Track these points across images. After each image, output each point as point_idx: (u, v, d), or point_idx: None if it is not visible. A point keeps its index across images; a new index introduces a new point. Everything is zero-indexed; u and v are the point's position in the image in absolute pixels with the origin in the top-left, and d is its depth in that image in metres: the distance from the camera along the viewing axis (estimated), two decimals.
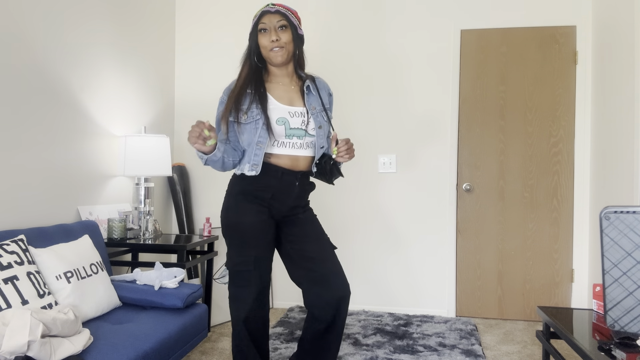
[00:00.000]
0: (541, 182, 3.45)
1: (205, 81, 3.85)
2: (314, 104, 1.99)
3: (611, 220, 1.40)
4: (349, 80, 3.66)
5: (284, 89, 1.98)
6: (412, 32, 3.59)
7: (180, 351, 2.11)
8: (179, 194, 3.67)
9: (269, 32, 1.90)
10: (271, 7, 1.91)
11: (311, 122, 1.95)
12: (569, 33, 3.42)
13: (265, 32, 1.91)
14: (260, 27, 1.92)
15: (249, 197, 1.94)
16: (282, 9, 1.91)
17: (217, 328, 3.21)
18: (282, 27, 1.91)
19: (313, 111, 1.97)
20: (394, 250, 3.61)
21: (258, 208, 1.93)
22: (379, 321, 3.31)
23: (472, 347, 2.80)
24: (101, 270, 2.21)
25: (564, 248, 3.43)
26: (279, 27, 1.90)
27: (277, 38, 1.89)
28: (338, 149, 1.95)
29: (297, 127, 1.93)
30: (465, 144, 3.54)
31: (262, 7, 1.94)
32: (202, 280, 3.24)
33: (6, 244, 1.88)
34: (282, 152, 1.94)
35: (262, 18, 1.91)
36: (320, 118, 1.98)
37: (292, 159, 1.95)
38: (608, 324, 1.45)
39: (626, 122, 2.74)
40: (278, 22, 1.90)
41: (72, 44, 2.68)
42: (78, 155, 2.75)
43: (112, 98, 3.06)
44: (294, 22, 1.94)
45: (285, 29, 1.91)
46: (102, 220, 2.87)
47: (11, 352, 1.45)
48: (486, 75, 3.51)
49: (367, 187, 3.65)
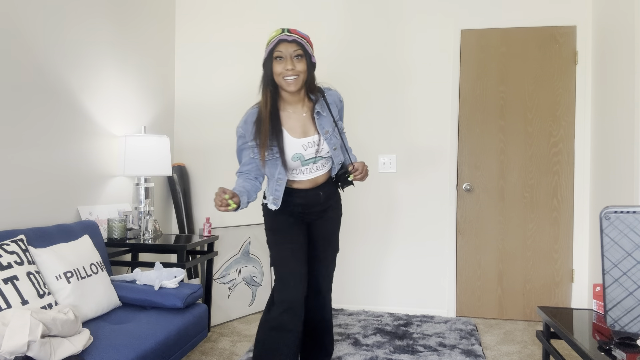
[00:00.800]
0: (541, 182, 3.45)
1: (205, 81, 3.85)
2: (326, 127, 2.05)
3: (611, 220, 1.40)
4: (349, 81, 3.66)
5: (296, 117, 2.04)
6: (412, 32, 3.59)
7: (180, 351, 2.11)
8: (179, 194, 3.67)
9: (284, 60, 1.93)
10: (288, 36, 1.93)
11: (324, 146, 2.04)
12: (569, 33, 3.42)
13: (281, 60, 1.94)
14: (276, 54, 1.94)
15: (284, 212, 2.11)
16: (298, 38, 1.94)
17: (217, 328, 3.21)
18: (298, 56, 1.94)
19: (326, 135, 2.04)
20: (393, 250, 3.61)
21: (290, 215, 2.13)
22: (379, 321, 3.31)
23: (472, 347, 2.80)
24: (101, 270, 2.21)
25: (564, 248, 3.43)
26: (295, 57, 1.94)
27: (293, 67, 1.92)
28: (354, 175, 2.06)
29: (311, 157, 2.04)
30: (465, 144, 3.54)
31: (276, 34, 1.95)
32: (202, 280, 3.25)
33: (6, 244, 1.88)
34: (302, 178, 2.09)
35: (279, 46, 1.93)
36: (333, 139, 2.06)
37: (311, 181, 2.10)
38: (608, 324, 1.45)
39: (626, 122, 2.74)
40: (294, 51, 1.93)
41: (72, 44, 2.68)
42: (78, 155, 2.75)
43: (112, 98, 3.06)
44: (309, 50, 1.98)
45: (300, 59, 1.95)
46: (102, 220, 2.87)
47: (11, 352, 1.45)
48: (486, 75, 3.51)
49: (367, 188, 3.64)
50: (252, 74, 3.78)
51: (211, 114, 3.84)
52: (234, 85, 3.81)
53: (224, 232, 3.39)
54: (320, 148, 2.03)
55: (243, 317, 3.46)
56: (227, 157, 3.81)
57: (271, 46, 1.96)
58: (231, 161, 3.80)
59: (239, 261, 3.48)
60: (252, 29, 3.79)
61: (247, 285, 3.52)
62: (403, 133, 3.60)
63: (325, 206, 2.17)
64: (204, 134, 3.85)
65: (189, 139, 3.87)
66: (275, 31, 1.97)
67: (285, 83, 1.96)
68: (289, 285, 2.04)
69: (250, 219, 3.79)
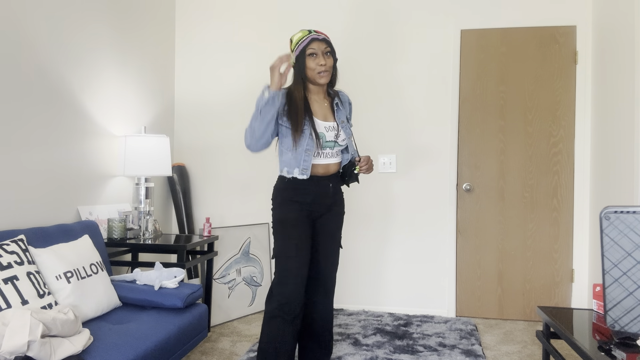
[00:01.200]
0: (541, 182, 3.45)
1: (205, 81, 3.85)
2: (342, 117, 2.30)
3: (611, 220, 1.40)
4: (349, 81, 3.66)
5: (318, 105, 2.27)
6: (412, 32, 3.59)
7: (180, 351, 2.11)
8: (179, 194, 3.67)
9: (318, 56, 2.16)
10: (318, 35, 2.18)
11: (341, 134, 2.27)
12: (569, 33, 3.42)
13: (315, 57, 2.17)
14: (310, 51, 2.16)
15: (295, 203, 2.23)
16: (327, 38, 2.21)
17: (217, 328, 3.21)
18: (328, 53, 2.19)
19: (342, 124, 2.28)
20: (393, 250, 3.61)
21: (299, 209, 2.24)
22: (379, 321, 3.31)
23: (472, 347, 2.80)
24: (101, 270, 2.21)
25: (564, 248, 3.43)
26: (325, 53, 2.18)
27: (325, 62, 2.16)
28: (360, 166, 2.24)
29: (331, 139, 2.24)
30: (465, 144, 3.54)
31: (304, 34, 2.18)
32: (202, 280, 3.25)
33: (6, 244, 1.88)
34: (317, 162, 2.24)
35: (312, 44, 2.16)
36: (347, 130, 2.30)
37: (325, 166, 2.26)
38: (608, 324, 1.45)
39: (626, 122, 2.74)
40: (325, 48, 2.18)
41: (72, 44, 2.68)
42: (78, 155, 2.75)
43: (112, 98, 3.06)
44: (334, 49, 2.24)
45: (329, 55, 2.20)
46: (102, 220, 2.87)
47: (11, 352, 1.45)
48: (486, 75, 3.51)
49: (368, 187, 3.65)
50: (253, 74, 3.78)
51: (211, 114, 3.84)
52: (234, 85, 3.81)
53: (224, 232, 3.39)
54: (339, 133, 2.26)
55: (243, 317, 3.46)
56: (227, 157, 3.81)
57: (304, 44, 2.16)
58: (231, 161, 3.80)
59: (239, 261, 3.48)
60: (252, 29, 3.79)
61: (247, 285, 3.53)
62: (403, 133, 3.60)
63: (333, 200, 2.31)
64: (204, 134, 3.85)
65: (189, 139, 3.87)
66: (302, 32, 2.20)
67: (319, 77, 2.18)
68: (288, 283, 2.15)
69: (251, 219, 3.79)
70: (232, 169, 3.80)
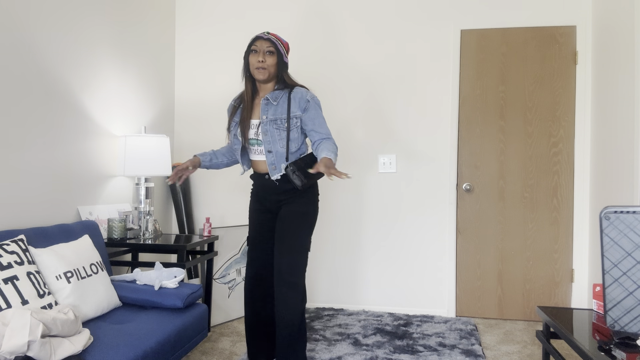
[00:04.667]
0: (541, 182, 3.45)
1: (205, 81, 3.85)
2: (270, 115, 2.30)
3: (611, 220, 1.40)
4: (350, 81, 3.66)
5: (258, 102, 2.38)
6: (412, 32, 3.59)
7: (180, 351, 2.11)
8: (179, 194, 3.67)
9: (257, 54, 2.29)
10: (264, 35, 2.30)
11: (259, 130, 2.32)
12: (569, 33, 3.42)
13: (255, 54, 2.29)
14: (252, 48, 2.30)
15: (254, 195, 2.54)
16: (272, 38, 2.30)
17: (217, 328, 3.21)
18: (269, 52, 2.29)
19: (264, 120, 2.30)
20: (393, 250, 3.61)
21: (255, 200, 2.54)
22: (379, 321, 3.31)
23: (472, 347, 2.80)
24: (101, 270, 2.21)
25: (564, 248, 3.43)
26: (267, 52, 2.28)
27: (263, 60, 2.27)
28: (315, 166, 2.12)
29: (253, 137, 2.36)
30: (465, 144, 3.54)
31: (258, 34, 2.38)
32: (202, 280, 3.25)
33: (6, 244, 1.88)
34: (251, 158, 2.43)
35: (256, 42, 2.30)
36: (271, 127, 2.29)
37: (257, 163, 2.42)
38: (608, 324, 1.45)
39: (626, 122, 2.74)
40: (267, 47, 2.29)
41: (72, 44, 2.68)
42: (78, 155, 2.75)
43: (112, 98, 3.06)
44: (281, 50, 2.32)
45: (271, 54, 2.29)
46: (102, 220, 2.87)
47: (11, 352, 1.45)
48: (486, 75, 3.51)
49: (368, 187, 3.65)
50: None
51: (211, 114, 3.84)
52: (234, 85, 3.81)
53: (224, 232, 3.39)
54: (258, 131, 2.33)
55: (243, 317, 3.46)
56: None
57: (250, 41, 2.33)
58: None
59: (239, 261, 3.48)
60: (252, 29, 3.79)
61: None
62: (403, 133, 3.60)
63: (278, 198, 2.39)
64: (204, 134, 3.85)
65: (189, 139, 3.87)
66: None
67: (257, 72, 2.29)
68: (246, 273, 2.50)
69: None
70: (232, 169, 3.80)
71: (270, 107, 2.30)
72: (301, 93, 2.32)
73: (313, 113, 2.31)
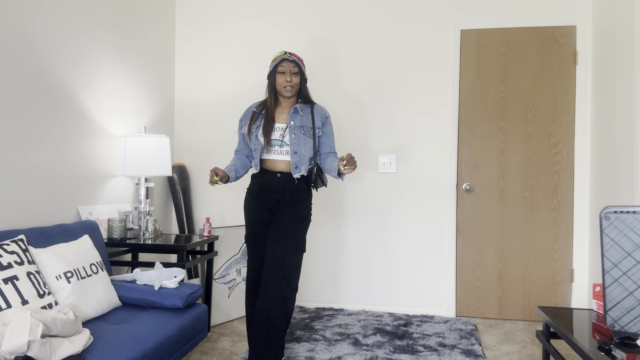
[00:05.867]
0: (541, 182, 3.45)
1: (205, 81, 3.85)
2: (297, 121, 2.57)
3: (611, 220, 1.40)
4: (349, 81, 3.66)
5: (280, 110, 2.64)
6: (412, 32, 3.59)
7: (180, 351, 2.11)
8: (179, 194, 3.67)
9: (285, 74, 2.56)
10: (289, 56, 2.57)
11: (287, 134, 2.55)
12: (569, 33, 3.42)
13: (282, 74, 2.57)
14: (280, 69, 2.57)
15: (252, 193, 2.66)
16: (296, 59, 2.59)
17: (217, 328, 3.21)
18: (294, 73, 2.58)
19: (292, 125, 2.56)
20: (394, 250, 3.61)
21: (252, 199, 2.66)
22: (379, 321, 3.31)
23: (472, 347, 2.80)
24: (101, 270, 2.21)
25: (564, 248, 3.43)
26: (293, 73, 2.57)
27: (290, 79, 2.55)
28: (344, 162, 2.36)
29: (277, 138, 2.57)
30: (465, 144, 3.54)
31: (280, 54, 2.58)
32: (202, 280, 3.25)
33: (6, 244, 1.88)
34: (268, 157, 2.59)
35: (282, 63, 2.57)
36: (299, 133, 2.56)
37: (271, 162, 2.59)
38: (608, 324, 1.45)
39: (626, 122, 2.74)
40: (293, 68, 2.57)
41: (72, 44, 2.68)
42: (78, 155, 2.75)
43: (112, 98, 3.06)
44: (303, 69, 2.63)
45: (296, 75, 2.59)
46: (102, 220, 2.87)
47: (11, 352, 1.45)
48: (486, 75, 3.51)
49: (367, 187, 3.65)
50: (252, 74, 3.78)
51: (211, 113, 3.84)
52: (234, 85, 3.81)
53: (224, 232, 3.39)
54: (285, 134, 2.55)
55: (243, 317, 3.46)
56: (227, 157, 3.81)
57: (276, 63, 2.58)
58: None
59: (239, 261, 3.48)
60: (252, 29, 3.79)
61: None
62: (403, 133, 3.60)
63: (283, 198, 2.55)
64: (204, 133, 3.85)
65: (189, 139, 3.87)
66: (279, 52, 2.61)
67: (284, 90, 2.57)
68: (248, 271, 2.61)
69: None
70: None
71: (297, 115, 2.60)
72: (322, 110, 2.67)
73: (329, 129, 2.68)
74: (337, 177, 2.53)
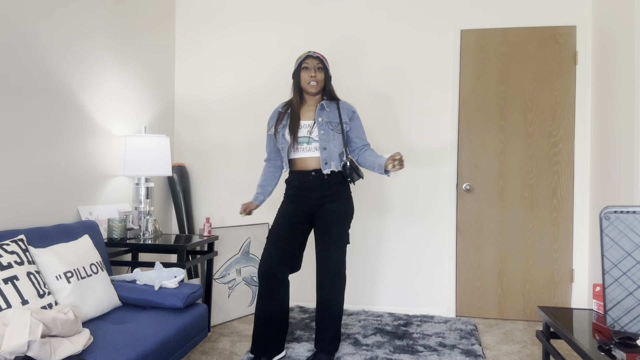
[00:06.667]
0: (541, 182, 3.45)
1: (205, 81, 3.85)
2: (324, 117, 2.59)
3: (611, 220, 1.40)
4: (349, 81, 3.66)
5: (306, 108, 2.67)
6: (412, 32, 3.59)
7: (180, 351, 2.11)
8: (179, 194, 3.67)
9: (309, 70, 2.59)
10: (313, 53, 2.62)
11: (315, 130, 2.57)
12: (569, 33, 3.42)
13: (307, 70, 2.60)
14: (304, 65, 2.61)
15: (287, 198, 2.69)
16: (320, 56, 2.63)
17: (217, 328, 3.21)
18: (319, 68, 2.61)
19: (319, 122, 2.58)
20: (393, 250, 3.61)
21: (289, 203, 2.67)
22: (379, 321, 3.31)
23: (472, 347, 2.80)
24: (101, 270, 2.21)
25: (564, 248, 3.43)
26: (317, 68, 2.60)
27: (314, 75, 2.58)
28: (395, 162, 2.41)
29: (304, 135, 2.59)
30: (465, 144, 3.54)
31: (305, 52, 2.64)
32: (202, 280, 3.25)
33: (6, 244, 1.88)
34: (295, 156, 2.62)
35: (306, 59, 2.61)
36: (327, 129, 2.58)
37: (301, 161, 2.61)
38: (608, 324, 1.45)
39: (626, 122, 2.74)
40: (317, 64, 2.60)
41: (72, 44, 2.68)
42: (78, 155, 2.75)
43: (112, 98, 3.06)
44: (327, 66, 2.66)
45: (320, 70, 2.61)
46: (102, 220, 2.87)
47: (11, 352, 1.45)
48: (486, 75, 3.51)
49: (367, 187, 3.65)
50: (252, 74, 3.79)
51: (211, 113, 3.84)
52: (234, 85, 3.81)
53: (224, 232, 3.39)
54: (312, 130, 2.58)
55: (243, 317, 3.46)
56: (227, 157, 3.81)
57: (301, 60, 2.62)
58: (231, 161, 3.80)
59: (239, 261, 3.48)
60: (252, 29, 3.79)
61: (247, 285, 3.53)
62: (403, 133, 3.60)
63: (324, 194, 2.57)
64: (204, 133, 3.85)
65: (189, 139, 3.87)
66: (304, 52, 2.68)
67: (309, 86, 2.60)
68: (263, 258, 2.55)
69: (251, 219, 3.79)
70: (232, 169, 3.80)
71: (324, 111, 2.62)
72: (347, 105, 2.70)
73: (357, 123, 2.70)
74: (383, 173, 2.55)
